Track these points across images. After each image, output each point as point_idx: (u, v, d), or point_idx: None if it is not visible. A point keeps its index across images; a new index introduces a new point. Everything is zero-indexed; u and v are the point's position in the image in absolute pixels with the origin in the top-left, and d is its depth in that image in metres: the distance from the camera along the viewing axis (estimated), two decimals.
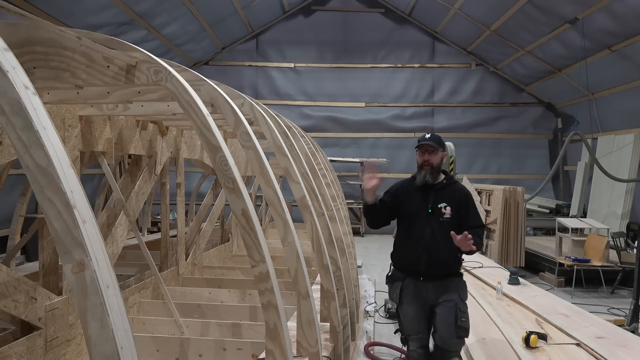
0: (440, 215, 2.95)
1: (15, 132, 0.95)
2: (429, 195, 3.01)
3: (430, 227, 2.95)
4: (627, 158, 8.65)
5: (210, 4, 9.45)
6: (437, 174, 3.03)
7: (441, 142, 3.07)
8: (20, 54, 1.82)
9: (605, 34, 8.00)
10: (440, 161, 3.02)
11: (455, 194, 3.01)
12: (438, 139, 3.07)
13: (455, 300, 2.95)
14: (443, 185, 3.04)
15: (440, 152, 3.02)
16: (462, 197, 3.01)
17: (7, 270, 2.23)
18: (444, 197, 2.99)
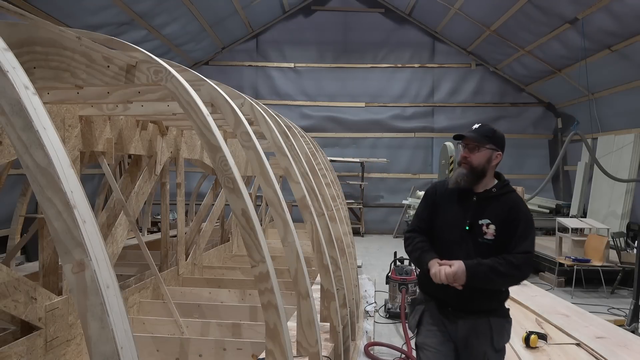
0: (479, 234, 2.26)
1: (15, 132, 0.95)
2: (469, 206, 2.33)
3: (466, 248, 2.26)
4: (627, 158, 8.65)
5: (210, 4, 9.45)
6: (477, 178, 2.31)
7: (493, 138, 2.33)
8: (20, 54, 1.82)
9: (605, 34, 8.00)
10: (487, 162, 2.30)
11: (504, 209, 2.27)
12: (487, 132, 2.34)
13: (484, 350, 2.28)
14: (490, 195, 2.32)
15: (488, 149, 2.30)
16: (512, 214, 2.26)
17: (7, 270, 2.23)
18: (488, 211, 2.28)
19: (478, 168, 2.30)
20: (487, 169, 2.31)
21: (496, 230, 2.24)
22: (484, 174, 2.32)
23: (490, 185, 2.35)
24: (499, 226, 2.24)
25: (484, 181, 2.34)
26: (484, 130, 2.35)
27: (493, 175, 2.37)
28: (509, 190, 2.35)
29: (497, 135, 2.35)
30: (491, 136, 2.33)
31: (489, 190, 2.34)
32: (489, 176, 2.35)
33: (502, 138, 2.37)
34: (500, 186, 2.35)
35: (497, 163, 2.34)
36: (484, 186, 2.34)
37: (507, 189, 2.36)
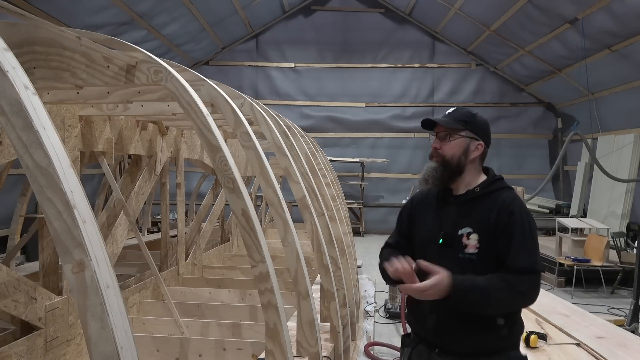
0: (459, 248, 1.75)
1: (15, 132, 0.95)
2: (447, 213, 1.84)
3: (446, 262, 1.72)
4: (627, 158, 8.65)
5: (210, 4, 9.45)
6: (451, 175, 1.84)
7: (470, 123, 1.85)
8: (20, 54, 1.82)
9: (605, 34, 8.00)
10: (463, 154, 1.82)
11: (491, 211, 1.76)
12: (463, 116, 1.87)
13: None
14: (473, 196, 1.82)
15: (464, 137, 1.82)
16: (502, 217, 1.73)
17: (7, 270, 2.23)
18: (470, 217, 1.78)
19: (451, 161, 1.82)
20: (465, 163, 1.83)
21: (480, 241, 1.73)
22: (460, 169, 1.83)
23: (473, 184, 1.85)
24: (483, 235, 1.73)
25: (465, 179, 1.85)
26: (459, 114, 1.88)
27: (479, 171, 1.88)
28: (499, 187, 1.83)
29: (476, 121, 1.87)
30: (467, 121, 1.85)
31: (471, 190, 1.84)
32: (472, 173, 1.85)
33: (483, 124, 1.89)
34: (487, 183, 1.84)
35: (478, 156, 1.85)
36: (466, 186, 1.85)
37: (497, 185, 1.84)
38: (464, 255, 1.75)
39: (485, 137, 1.89)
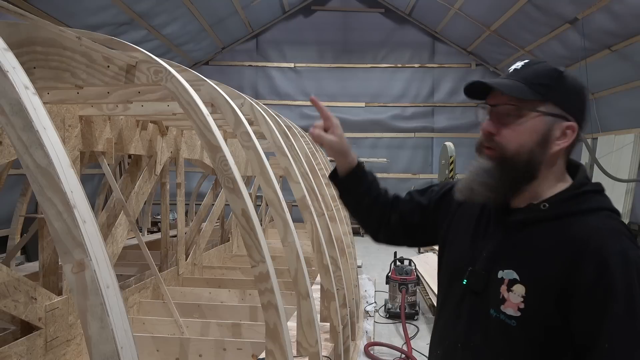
0: (494, 300, 1.09)
1: (15, 132, 0.95)
2: (486, 237, 1.18)
3: (469, 320, 1.16)
4: (627, 158, 8.65)
5: (210, 4, 9.44)
6: (518, 182, 1.11)
7: (555, 89, 1.07)
8: (20, 54, 1.82)
9: (605, 34, 8.00)
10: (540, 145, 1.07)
11: (560, 252, 1.01)
12: (541, 76, 1.09)
13: None
14: (535, 217, 1.09)
15: (540, 116, 1.07)
16: (583, 268, 0.98)
17: (7, 270, 2.23)
18: (520, 254, 1.08)
19: (518, 159, 1.08)
20: (541, 160, 1.08)
21: (528, 299, 1.03)
22: (532, 172, 1.09)
23: (544, 195, 1.11)
24: (535, 290, 1.03)
25: (533, 187, 1.11)
26: (535, 72, 1.10)
27: (561, 172, 1.12)
28: (586, 207, 1.06)
29: (565, 85, 1.09)
30: (550, 85, 1.08)
31: (535, 205, 1.10)
32: (549, 176, 1.10)
33: (577, 91, 1.10)
34: (566, 196, 1.09)
35: (566, 147, 1.09)
36: (530, 197, 1.12)
37: (583, 201, 1.07)
38: (498, 315, 1.08)
39: (580, 113, 1.10)
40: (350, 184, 1.51)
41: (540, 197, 1.11)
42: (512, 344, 1.06)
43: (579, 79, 1.13)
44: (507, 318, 1.06)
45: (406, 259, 5.74)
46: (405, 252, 5.97)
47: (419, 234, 1.46)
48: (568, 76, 1.10)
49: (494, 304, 1.08)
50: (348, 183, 1.51)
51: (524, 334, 1.04)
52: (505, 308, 1.06)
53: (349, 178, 1.50)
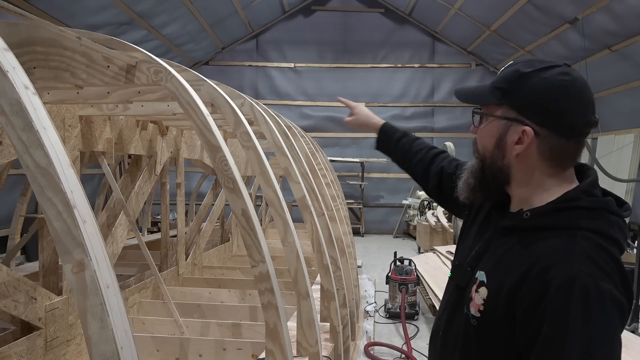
0: (467, 297, 1.14)
1: (15, 132, 0.95)
2: (483, 235, 1.20)
3: (450, 313, 1.22)
4: (627, 158, 8.66)
5: (210, 4, 9.45)
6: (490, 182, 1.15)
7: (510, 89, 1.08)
8: (20, 54, 1.82)
9: (605, 34, 8.00)
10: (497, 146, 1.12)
11: (520, 265, 1.02)
12: (504, 77, 1.11)
13: None
14: (517, 224, 1.09)
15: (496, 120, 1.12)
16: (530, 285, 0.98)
17: (7, 270, 2.23)
18: (494, 257, 1.11)
19: (485, 158, 1.15)
20: (503, 163, 1.11)
21: (486, 303, 1.07)
22: (498, 174, 1.13)
23: (534, 202, 1.09)
24: (494, 296, 1.06)
25: (518, 191, 1.13)
26: (501, 75, 1.13)
27: (557, 179, 1.08)
28: (561, 224, 1.02)
29: (522, 86, 1.06)
30: (505, 88, 1.09)
31: (520, 212, 1.10)
32: (530, 181, 1.09)
33: (541, 91, 1.04)
34: (549, 208, 1.05)
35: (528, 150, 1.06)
36: (520, 202, 1.13)
37: (561, 217, 1.03)
38: (467, 312, 1.12)
39: (541, 116, 1.04)
40: (382, 144, 1.80)
41: (531, 204, 1.10)
42: (473, 340, 1.12)
43: (561, 79, 1.04)
44: (471, 317, 1.11)
45: (406, 259, 5.74)
46: (406, 252, 5.96)
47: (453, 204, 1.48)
48: (534, 76, 1.06)
49: (467, 301, 1.14)
50: (380, 144, 1.81)
51: (480, 334, 1.09)
52: (471, 306, 1.11)
53: (379, 140, 1.80)
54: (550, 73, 1.05)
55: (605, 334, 0.93)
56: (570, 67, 1.08)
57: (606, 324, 0.93)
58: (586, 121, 1.05)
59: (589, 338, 0.91)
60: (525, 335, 0.98)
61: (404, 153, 1.69)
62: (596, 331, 0.92)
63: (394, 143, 1.72)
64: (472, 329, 1.11)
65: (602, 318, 0.92)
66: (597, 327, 0.92)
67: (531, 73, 1.06)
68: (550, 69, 1.06)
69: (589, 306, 0.92)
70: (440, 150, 1.64)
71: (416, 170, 1.65)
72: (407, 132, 1.73)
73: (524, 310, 0.98)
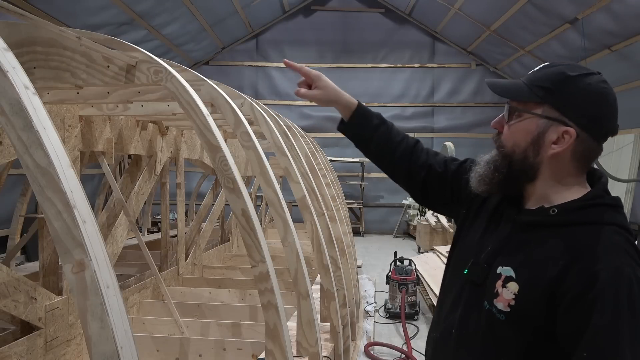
0: (488, 292, 1.13)
1: (15, 132, 0.95)
2: (495, 232, 1.22)
3: (464, 309, 1.20)
4: (627, 158, 8.65)
5: (210, 4, 9.45)
6: (514, 178, 1.17)
7: (554, 90, 1.10)
8: (20, 54, 1.82)
9: (605, 34, 8.00)
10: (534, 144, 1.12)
11: (557, 258, 1.04)
12: (547, 78, 1.13)
13: None
14: (543, 220, 1.12)
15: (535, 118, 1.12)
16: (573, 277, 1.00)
17: (7, 270, 2.23)
18: (520, 253, 1.12)
19: (513, 156, 1.15)
20: (535, 161, 1.13)
21: (519, 297, 1.07)
22: (529, 171, 1.15)
23: (556, 200, 1.12)
24: (527, 290, 1.06)
25: (539, 189, 1.15)
26: (543, 74, 1.15)
27: (576, 180, 1.14)
28: (593, 219, 1.07)
29: (567, 88, 1.09)
30: (550, 88, 1.11)
31: (544, 209, 1.12)
32: (552, 181, 1.13)
33: (584, 95, 1.09)
34: (577, 205, 1.09)
35: (568, 153, 1.10)
36: (539, 199, 1.15)
37: (591, 213, 1.08)
38: (491, 307, 1.11)
39: (584, 119, 1.08)
40: (354, 128, 1.51)
41: (552, 202, 1.13)
42: (498, 337, 1.11)
43: (602, 86, 1.11)
44: (498, 312, 1.10)
45: (406, 259, 5.74)
46: (406, 252, 5.96)
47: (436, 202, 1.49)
48: (579, 81, 1.10)
49: (488, 297, 1.13)
50: (352, 129, 1.51)
51: (510, 329, 1.08)
52: (497, 302, 1.11)
53: (349, 124, 1.50)
54: (593, 79, 1.11)
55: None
56: (604, 77, 1.15)
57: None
58: (614, 128, 1.13)
59: (637, 326, 0.96)
60: (570, 325, 1.00)
61: (382, 143, 1.51)
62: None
63: (371, 130, 1.49)
64: (498, 324, 1.10)
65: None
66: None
67: (577, 77, 1.10)
68: (592, 75, 1.12)
69: (633, 295, 0.97)
70: (417, 140, 1.59)
71: (398, 164, 1.52)
72: (381, 116, 1.53)
73: (570, 302, 1.00)
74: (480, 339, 1.15)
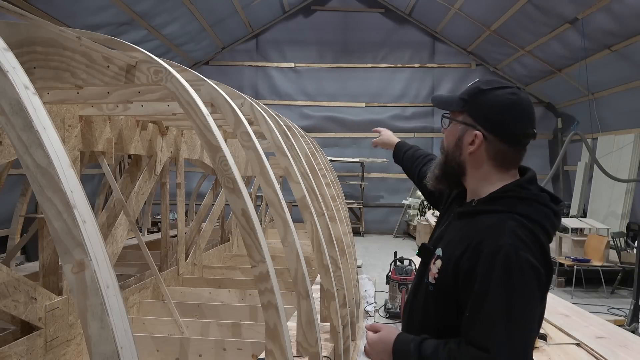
0: (427, 269, 1.40)
1: (15, 132, 0.95)
2: (446, 220, 1.50)
3: (416, 284, 1.49)
4: (627, 158, 8.65)
5: (210, 4, 9.45)
6: (448, 175, 1.43)
7: (470, 100, 1.35)
8: (20, 54, 1.82)
9: (605, 34, 8.00)
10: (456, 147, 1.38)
11: (465, 240, 1.28)
12: (469, 90, 1.38)
13: None
14: (468, 211, 1.37)
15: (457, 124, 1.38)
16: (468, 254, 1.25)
17: (7, 270, 2.23)
18: (450, 236, 1.38)
19: (447, 154, 1.42)
20: (459, 160, 1.38)
21: (440, 272, 1.33)
22: (455, 169, 1.40)
23: (482, 194, 1.35)
24: (445, 266, 1.31)
25: (470, 184, 1.40)
26: (468, 88, 1.39)
27: (501, 175, 1.34)
28: (496, 208, 1.29)
29: (479, 99, 1.33)
30: (466, 99, 1.36)
31: (470, 202, 1.39)
32: (478, 176, 1.36)
33: (491, 105, 1.31)
34: (490, 197, 1.32)
35: (484, 153, 1.33)
36: (471, 194, 1.41)
37: (499, 203, 1.29)
38: (427, 281, 1.39)
39: (491, 125, 1.31)
40: (395, 157, 2.14)
41: (480, 195, 1.37)
42: (430, 304, 1.38)
43: (509, 97, 1.32)
44: (429, 284, 1.38)
45: (406, 259, 5.74)
46: (405, 252, 5.96)
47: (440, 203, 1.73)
48: (489, 93, 1.34)
49: (426, 273, 1.41)
50: (395, 157, 2.14)
51: (435, 297, 1.36)
52: (429, 276, 1.38)
53: (394, 154, 2.15)
54: (502, 92, 1.34)
55: (522, 291, 1.18)
56: (521, 90, 1.38)
57: (523, 284, 1.19)
58: (525, 133, 1.34)
59: (509, 295, 1.18)
60: (464, 295, 1.25)
61: (409, 162, 2.01)
62: (515, 290, 1.18)
63: (402, 155, 2.07)
64: (430, 294, 1.37)
65: (521, 279, 1.19)
66: (516, 286, 1.18)
67: (488, 90, 1.35)
68: (503, 88, 1.34)
69: (510, 269, 1.18)
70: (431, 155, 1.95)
71: (415, 175, 1.96)
72: (414, 146, 2.08)
73: (464, 275, 1.25)
74: (421, 306, 1.42)
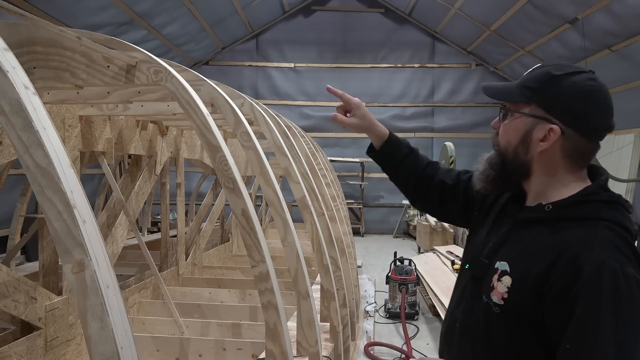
0: (487, 286, 1.18)
1: (15, 132, 0.95)
2: (498, 228, 1.26)
3: (466, 302, 1.27)
4: (627, 158, 8.65)
5: (210, 4, 9.45)
6: (509, 175, 1.22)
7: (540, 89, 1.14)
8: (20, 54, 1.82)
9: (605, 34, 8.00)
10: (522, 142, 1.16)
11: (546, 253, 1.07)
12: (533, 78, 1.16)
13: None
14: (538, 217, 1.15)
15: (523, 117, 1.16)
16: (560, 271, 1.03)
17: (7, 270, 2.23)
18: (516, 248, 1.16)
19: (506, 154, 1.20)
20: (525, 159, 1.17)
21: (511, 291, 1.11)
22: (521, 168, 1.19)
23: (552, 197, 1.15)
24: (519, 284, 1.10)
25: (534, 186, 1.19)
26: (531, 76, 1.17)
27: (573, 176, 1.15)
28: (583, 215, 1.09)
29: (552, 87, 1.12)
30: (535, 88, 1.14)
31: (540, 206, 1.16)
32: (547, 177, 1.16)
33: (570, 93, 1.11)
34: (570, 201, 1.12)
35: (558, 150, 1.12)
36: (537, 196, 1.19)
37: (583, 209, 1.10)
38: (488, 301, 1.16)
39: (568, 116, 1.10)
40: (384, 157, 1.60)
41: (549, 199, 1.16)
42: (495, 329, 1.15)
43: (589, 84, 1.12)
44: (493, 305, 1.15)
45: (406, 259, 5.74)
46: (406, 252, 5.96)
47: (455, 214, 1.54)
48: (564, 80, 1.13)
49: (486, 291, 1.18)
50: (383, 156, 1.60)
51: (504, 321, 1.13)
52: (492, 295, 1.15)
53: (381, 152, 1.59)
54: (579, 78, 1.13)
55: (633, 313, 0.98)
56: (595, 74, 1.16)
57: (632, 304, 0.99)
58: (606, 125, 1.13)
59: (620, 318, 0.97)
60: (556, 318, 1.03)
61: (409, 172, 1.58)
62: (626, 312, 0.98)
63: (401, 158, 1.57)
64: (494, 317, 1.15)
65: (630, 300, 0.98)
66: (626, 308, 0.98)
67: (562, 76, 1.13)
68: (579, 74, 1.14)
69: (618, 289, 0.98)
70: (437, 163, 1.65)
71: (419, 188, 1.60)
72: (409, 144, 1.62)
73: (555, 295, 1.03)
74: (479, 332, 1.19)
